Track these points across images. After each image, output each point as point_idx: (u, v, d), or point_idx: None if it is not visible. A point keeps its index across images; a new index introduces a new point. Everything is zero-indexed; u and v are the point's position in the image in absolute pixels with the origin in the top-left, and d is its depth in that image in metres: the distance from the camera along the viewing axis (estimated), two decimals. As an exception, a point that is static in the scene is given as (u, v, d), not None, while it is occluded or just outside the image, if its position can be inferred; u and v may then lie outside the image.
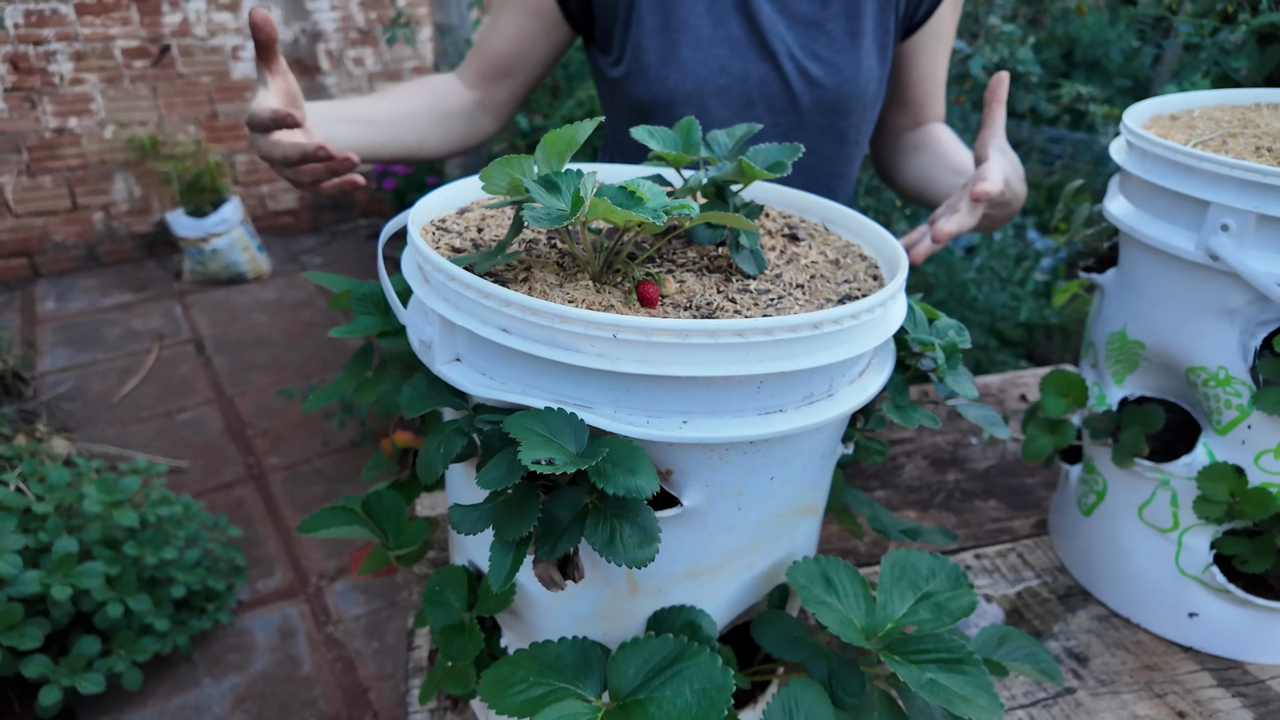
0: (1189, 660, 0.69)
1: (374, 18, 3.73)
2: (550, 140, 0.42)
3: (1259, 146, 0.59)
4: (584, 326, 0.38)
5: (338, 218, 3.98)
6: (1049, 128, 2.65)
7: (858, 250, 0.55)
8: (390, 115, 0.81)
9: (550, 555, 0.39)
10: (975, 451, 0.98)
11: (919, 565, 0.50)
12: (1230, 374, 0.58)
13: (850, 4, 0.81)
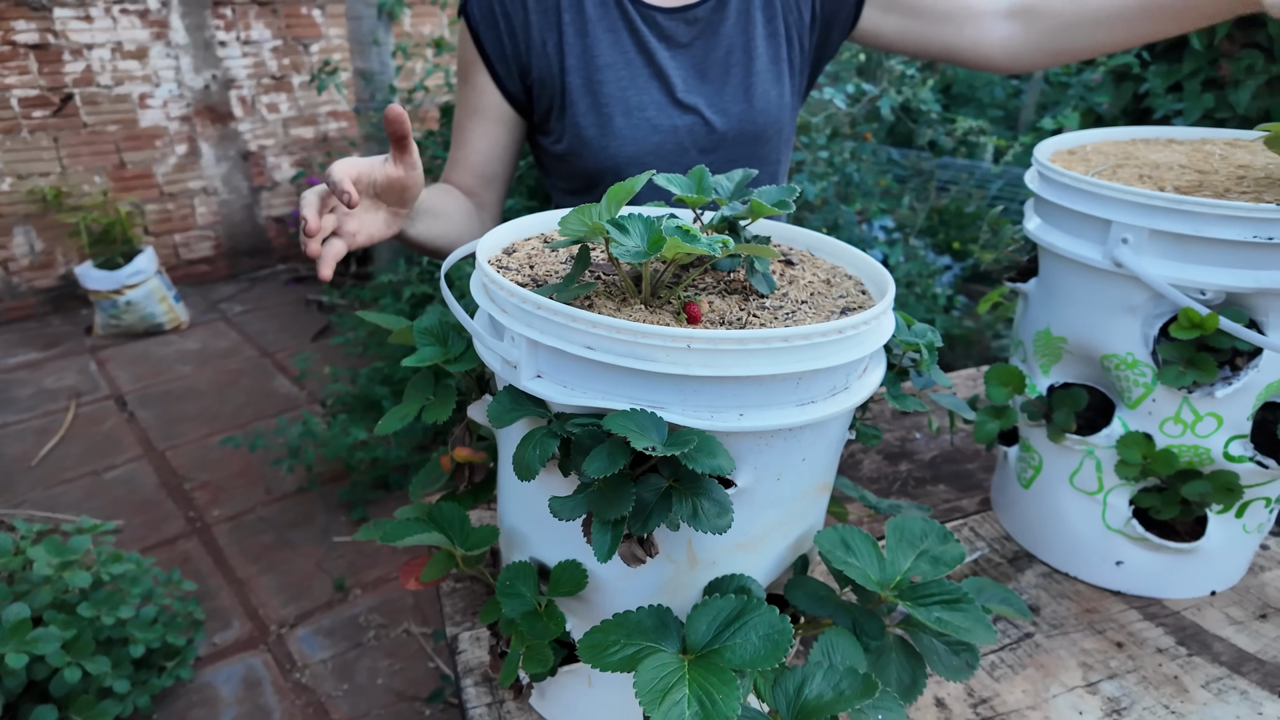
0: (1119, 602, 0.83)
1: (288, 64, 3.72)
2: (613, 192, 0.51)
3: (1141, 175, 0.74)
4: (662, 340, 0.47)
5: (256, 264, 3.91)
6: (939, 154, 2.92)
7: (843, 271, 0.66)
8: (448, 210, 0.89)
9: (642, 530, 0.48)
10: (921, 444, 1.11)
11: (914, 528, 0.61)
12: (1136, 359, 0.72)
13: (743, 56, 0.94)
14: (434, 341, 0.63)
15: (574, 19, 0.91)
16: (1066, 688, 0.72)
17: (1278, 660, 0.75)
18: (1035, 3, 0.93)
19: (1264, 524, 0.81)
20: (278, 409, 2.74)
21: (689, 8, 0.93)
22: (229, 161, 3.69)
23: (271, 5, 3.60)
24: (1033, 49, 0.94)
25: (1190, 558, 0.80)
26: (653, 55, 0.92)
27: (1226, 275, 0.65)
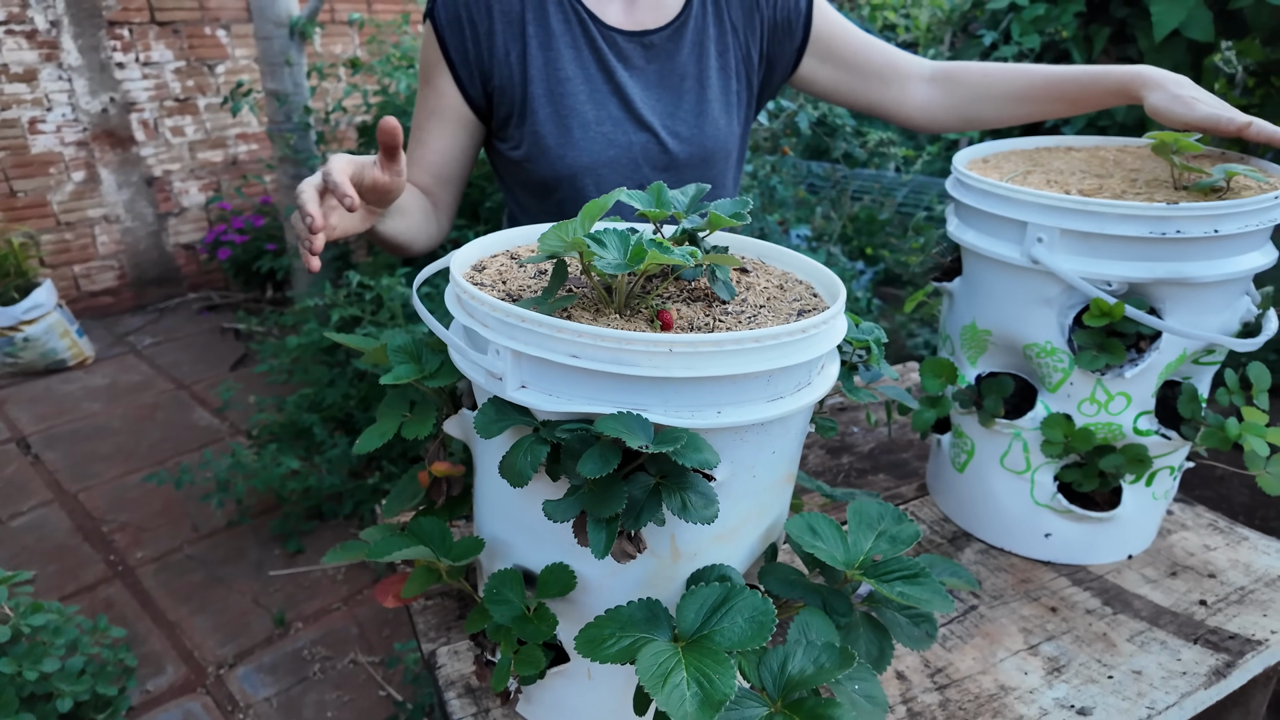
0: (1049, 571, 0.90)
1: (192, 85, 3.59)
2: (587, 210, 0.54)
3: (1049, 180, 0.82)
4: (645, 345, 0.50)
5: (165, 293, 3.74)
6: (854, 166, 3.06)
7: (793, 277, 0.70)
8: (412, 209, 0.91)
9: (635, 526, 0.51)
10: (859, 438, 1.18)
11: (872, 511, 0.65)
12: (1054, 346, 0.80)
13: (696, 84, 1.00)
14: (409, 359, 0.64)
15: (538, 32, 0.94)
16: (1011, 652, 0.79)
17: (1189, 611, 0.83)
18: (955, 73, 1.02)
19: (1169, 490, 0.90)
20: (199, 442, 2.63)
21: (647, 33, 0.97)
22: (132, 188, 3.53)
23: (172, 25, 3.48)
24: (948, 113, 1.03)
25: (1109, 525, 0.88)
26: (612, 73, 0.96)
27: (1128, 268, 0.73)
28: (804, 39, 1.05)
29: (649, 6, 0.98)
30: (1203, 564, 0.91)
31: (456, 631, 0.80)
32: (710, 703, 0.47)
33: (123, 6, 3.34)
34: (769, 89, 1.10)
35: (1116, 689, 0.74)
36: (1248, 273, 0.75)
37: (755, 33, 1.03)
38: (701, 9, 1.00)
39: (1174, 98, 0.83)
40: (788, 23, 1.04)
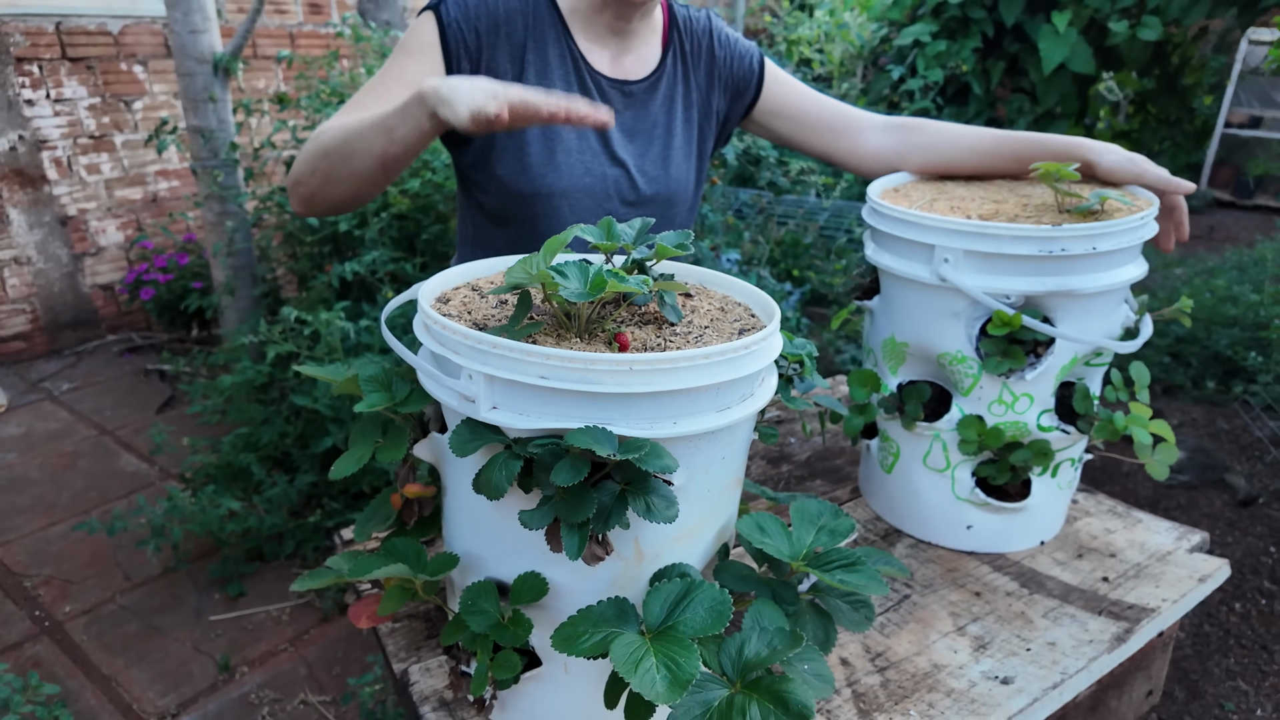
0: (972, 560, 0.99)
1: (108, 122, 3.50)
2: (549, 245, 0.60)
3: (952, 206, 0.92)
4: (608, 365, 0.55)
5: (80, 336, 3.61)
6: (779, 194, 3.21)
7: (732, 300, 0.77)
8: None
9: (604, 528, 0.56)
10: (796, 448, 1.25)
11: (812, 509, 0.72)
12: (964, 354, 0.89)
13: (664, 133, 1.10)
14: (380, 388, 0.68)
15: (536, 60, 1.01)
16: (942, 634, 0.86)
17: (1094, 588, 0.93)
18: (910, 125, 1.10)
19: (1072, 480, 1.00)
20: (126, 489, 2.54)
21: (628, 83, 1.07)
22: (44, 228, 3.40)
23: (85, 62, 3.39)
24: (901, 161, 1.10)
25: (1022, 515, 0.98)
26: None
27: (1023, 282, 0.83)
28: (755, 97, 1.16)
29: (632, 61, 1.08)
30: (1105, 545, 1.01)
31: (426, 650, 0.83)
32: (678, 683, 0.53)
33: (31, 43, 3.24)
34: (723, 137, 1.21)
35: (1034, 659, 0.82)
36: (1124, 283, 0.86)
37: (715, 91, 1.14)
38: (674, 68, 1.10)
39: (1128, 159, 0.95)
40: (744, 83, 1.15)
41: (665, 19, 1.11)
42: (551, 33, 1.02)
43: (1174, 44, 2.58)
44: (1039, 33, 2.19)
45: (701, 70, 1.13)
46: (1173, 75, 2.61)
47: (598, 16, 1.03)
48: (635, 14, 1.03)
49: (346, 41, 2.91)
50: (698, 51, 1.12)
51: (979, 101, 2.28)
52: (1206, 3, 2.10)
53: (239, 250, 2.80)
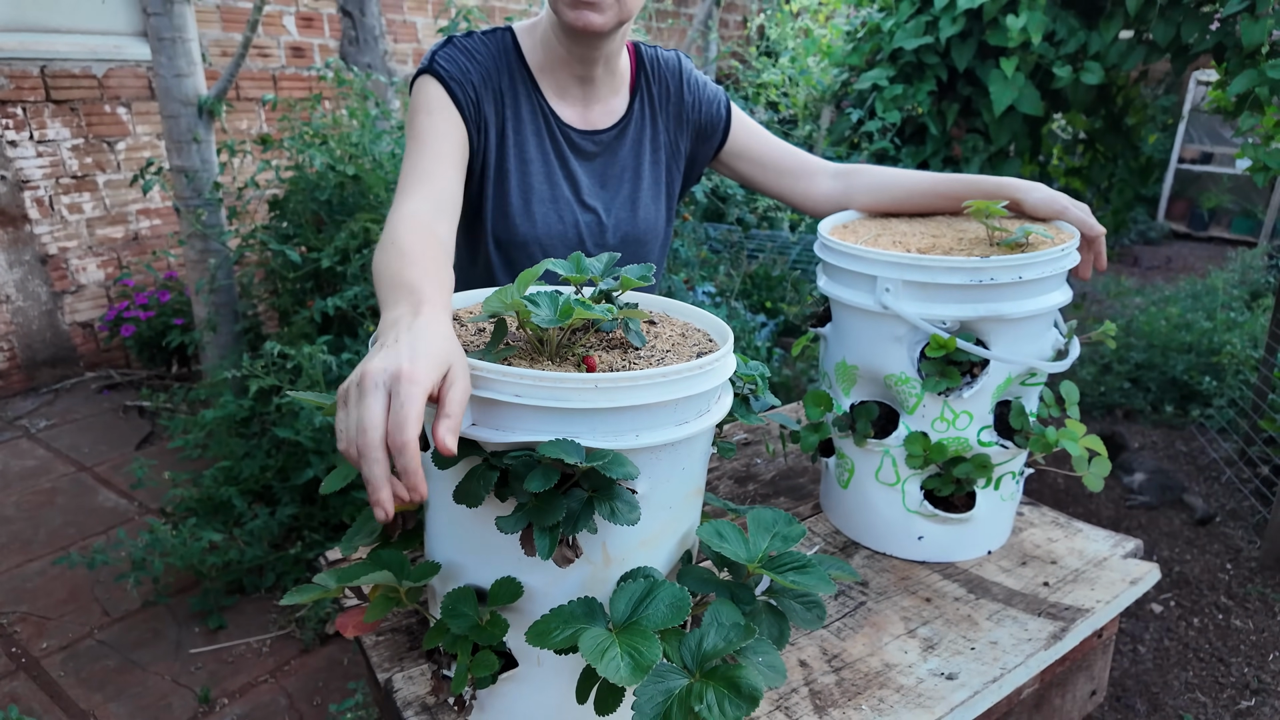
0: (924, 569, 1.05)
1: (90, 163, 3.55)
2: (523, 277, 0.67)
3: (894, 241, 1.00)
4: (575, 384, 0.62)
5: (59, 374, 3.61)
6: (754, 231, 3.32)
7: (693, 326, 0.85)
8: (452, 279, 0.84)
9: (573, 531, 0.62)
10: (761, 468, 1.32)
11: (766, 517, 0.78)
12: (907, 375, 0.96)
13: (633, 176, 1.18)
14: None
15: (513, 116, 1.09)
16: (894, 636, 0.93)
17: (1035, 593, 1.00)
18: (855, 170, 1.19)
19: (1014, 493, 1.08)
20: (104, 525, 2.55)
21: (597, 132, 1.15)
22: (24, 266, 3.42)
23: (69, 104, 3.45)
24: (847, 203, 1.19)
25: (969, 526, 1.05)
26: (566, 162, 1.13)
27: (957, 309, 0.91)
28: (722, 142, 1.24)
29: (600, 111, 1.15)
30: (1046, 554, 1.08)
31: (409, 660, 0.88)
32: (640, 668, 0.59)
33: (15, 86, 3.30)
34: (691, 178, 1.29)
35: (978, 657, 0.88)
36: (1050, 309, 0.94)
37: (683, 134, 1.22)
38: (641, 114, 1.18)
39: (1050, 197, 1.04)
40: (711, 127, 1.23)
41: (633, 66, 1.19)
42: (523, 89, 1.10)
43: (1117, 86, 2.73)
44: (989, 77, 2.32)
45: (670, 113, 1.21)
46: (1118, 115, 2.76)
47: (563, 70, 1.10)
48: (595, 57, 1.09)
49: (329, 84, 2.99)
50: (666, 95, 1.20)
51: (935, 141, 2.40)
52: (1141, 50, 2.24)
53: (221, 287, 2.85)
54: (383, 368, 0.57)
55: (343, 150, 2.69)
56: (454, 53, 1.06)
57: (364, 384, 0.57)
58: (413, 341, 0.60)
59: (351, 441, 0.57)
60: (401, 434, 0.55)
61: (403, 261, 0.77)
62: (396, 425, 0.56)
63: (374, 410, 0.56)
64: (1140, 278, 5.37)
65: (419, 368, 0.57)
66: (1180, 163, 6.67)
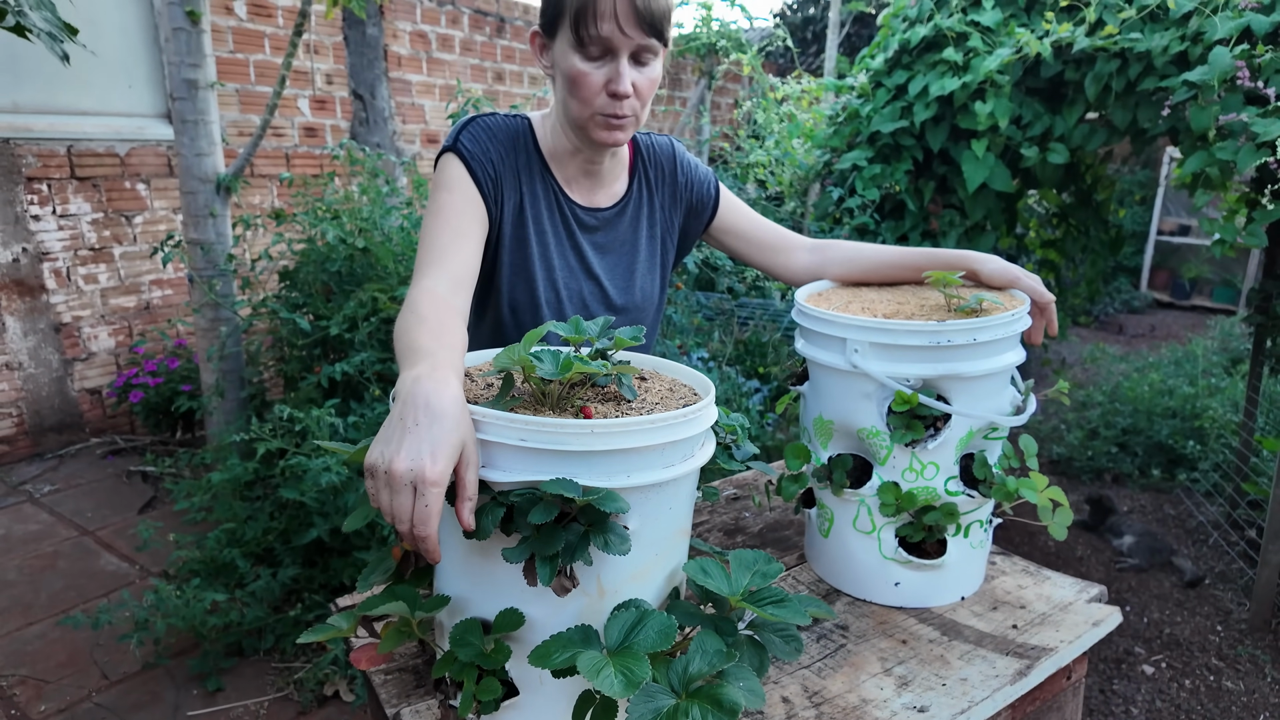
0: (901, 614, 1.12)
1: (108, 235, 3.70)
2: (528, 337, 0.76)
3: (863, 308, 1.10)
4: (574, 429, 0.71)
5: (64, 440, 3.67)
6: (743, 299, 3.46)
7: (680, 382, 0.94)
8: (465, 344, 0.92)
9: (571, 560, 0.69)
10: (749, 521, 1.39)
11: (748, 556, 0.86)
12: (878, 429, 1.05)
13: (630, 249, 1.30)
14: (387, 455, 0.82)
15: (529, 193, 1.20)
16: (871, 675, 0.99)
17: (1004, 635, 1.06)
18: (828, 245, 1.32)
19: (983, 540, 1.15)
20: (105, 589, 2.57)
21: (600, 210, 1.27)
22: (38, 334, 3.53)
23: (92, 180, 3.62)
24: (822, 274, 1.31)
25: (942, 573, 1.11)
26: (574, 235, 1.24)
27: (918, 368, 1.00)
28: (711, 217, 1.36)
29: (604, 193, 1.27)
30: (1016, 599, 1.15)
31: (415, 697, 0.94)
32: (631, 683, 0.65)
33: (43, 164, 3.47)
34: (684, 250, 1.42)
35: (948, 692, 0.94)
36: (1005, 368, 1.04)
37: (677, 211, 1.35)
38: (639, 194, 1.30)
39: (1004, 268, 1.15)
40: (702, 204, 1.35)
41: (631, 152, 1.32)
42: (538, 170, 1.22)
43: (1085, 165, 2.90)
44: (962, 157, 2.48)
45: (665, 192, 1.33)
46: (1087, 191, 2.93)
47: (572, 161, 1.23)
48: (604, 156, 1.23)
49: (341, 162, 3.17)
50: (661, 176, 1.33)
51: (913, 216, 2.55)
52: (1103, 132, 2.41)
53: (229, 354, 2.95)
54: (409, 468, 0.68)
55: (353, 224, 2.83)
56: (477, 132, 1.17)
57: (393, 483, 0.68)
58: (432, 428, 0.69)
59: (387, 516, 0.70)
60: (425, 529, 0.68)
61: (421, 327, 0.87)
62: (421, 521, 0.68)
63: (404, 506, 0.68)
64: (1125, 345, 5.50)
65: (439, 468, 0.68)
66: (1159, 235, 6.91)
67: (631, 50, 1.06)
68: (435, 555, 0.70)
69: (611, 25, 1.03)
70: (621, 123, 1.10)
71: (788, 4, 13.02)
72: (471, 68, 5.35)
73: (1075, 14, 2.45)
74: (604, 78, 1.07)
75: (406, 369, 0.77)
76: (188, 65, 2.86)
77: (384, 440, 0.70)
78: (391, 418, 0.71)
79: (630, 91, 1.07)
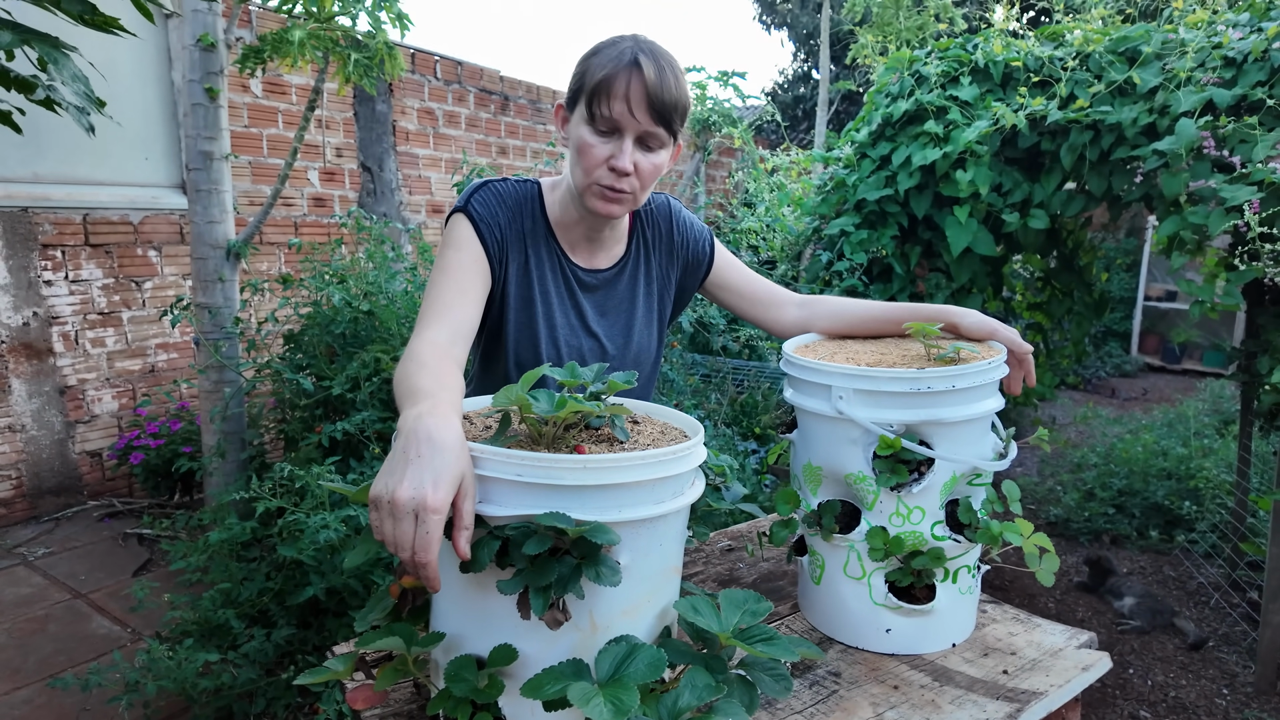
0: (893, 660, 1.13)
1: (118, 300, 3.78)
2: (525, 379, 0.81)
3: (848, 357, 1.15)
4: (568, 464, 0.74)
5: (62, 503, 3.67)
6: (733, 359, 3.52)
7: (671, 425, 0.98)
8: (463, 390, 0.96)
9: (563, 592, 0.72)
10: (743, 571, 1.41)
11: (738, 596, 0.88)
12: (864, 474, 1.08)
13: (629, 307, 1.36)
14: (389, 494, 0.85)
15: (533, 255, 1.26)
16: (863, 719, 0.99)
17: (995, 680, 1.07)
18: (815, 301, 1.38)
19: (972, 586, 1.17)
20: (95, 653, 2.54)
21: (600, 271, 1.33)
22: (42, 397, 3.57)
23: (105, 247, 3.72)
24: (809, 328, 1.37)
25: (933, 619, 1.13)
26: (575, 295, 1.30)
27: (900, 414, 1.04)
28: (707, 273, 1.43)
29: (603, 256, 1.34)
30: (1007, 646, 1.16)
31: (409, 741, 0.94)
32: (620, 712, 0.67)
33: (58, 231, 3.58)
34: (681, 305, 1.48)
35: (939, 735, 0.95)
36: (985, 414, 1.08)
37: (674, 268, 1.42)
38: (637, 254, 1.37)
39: (982, 320, 1.21)
40: (697, 261, 1.42)
41: (630, 213, 1.39)
42: (543, 234, 1.29)
43: (1067, 231, 3.00)
44: (946, 222, 2.58)
45: (662, 250, 1.40)
46: (1069, 256, 3.02)
47: (576, 228, 1.30)
48: (605, 226, 1.30)
49: (349, 230, 3.27)
50: (659, 235, 1.40)
51: (901, 279, 2.63)
52: (1080, 200, 2.51)
53: (231, 415, 2.98)
54: (411, 496, 0.71)
55: (359, 289, 2.91)
56: (487, 196, 1.25)
57: (396, 511, 0.71)
58: (434, 460, 0.72)
59: (390, 545, 0.72)
60: (425, 555, 0.71)
61: (422, 372, 0.92)
62: (422, 548, 0.71)
63: (406, 534, 0.71)
64: (1118, 408, 5.54)
65: (440, 496, 0.71)
66: (1147, 300, 7.03)
67: (638, 133, 1.14)
68: (435, 583, 0.73)
69: (623, 107, 1.11)
70: (618, 197, 1.17)
71: (779, 83, 13.54)
72: (476, 142, 5.56)
73: (1048, 89, 2.58)
74: (608, 152, 1.14)
75: (408, 408, 0.81)
76: (204, 138, 2.99)
77: (388, 472, 0.73)
78: (394, 452, 0.75)
79: (631, 170, 1.14)
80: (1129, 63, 2.47)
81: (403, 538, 0.71)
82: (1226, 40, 2.27)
